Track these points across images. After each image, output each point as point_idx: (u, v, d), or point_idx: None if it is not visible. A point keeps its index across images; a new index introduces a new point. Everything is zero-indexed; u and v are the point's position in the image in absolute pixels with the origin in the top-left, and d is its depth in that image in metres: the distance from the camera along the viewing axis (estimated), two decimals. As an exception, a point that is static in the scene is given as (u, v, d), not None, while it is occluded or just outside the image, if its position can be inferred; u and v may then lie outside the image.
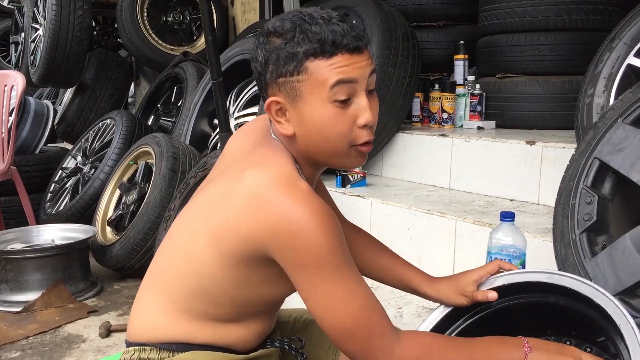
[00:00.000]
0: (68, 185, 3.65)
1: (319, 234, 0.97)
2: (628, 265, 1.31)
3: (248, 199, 1.01)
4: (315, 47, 1.00)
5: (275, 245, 1.00)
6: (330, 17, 1.02)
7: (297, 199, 0.99)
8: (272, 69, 1.03)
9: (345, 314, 1.00)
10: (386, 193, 2.75)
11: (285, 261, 1.02)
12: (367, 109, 1.04)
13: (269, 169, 1.05)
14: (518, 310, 1.20)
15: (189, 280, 1.12)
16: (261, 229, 1.00)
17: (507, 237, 1.41)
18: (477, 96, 3.20)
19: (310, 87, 1.01)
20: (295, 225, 0.97)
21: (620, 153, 1.43)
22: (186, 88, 3.93)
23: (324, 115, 1.03)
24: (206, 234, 1.08)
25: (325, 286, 1.00)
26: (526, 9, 3.05)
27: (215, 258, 1.07)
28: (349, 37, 1.01)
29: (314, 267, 0.99)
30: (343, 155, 1.08)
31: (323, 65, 1.00)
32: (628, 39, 2.10)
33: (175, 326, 1.14)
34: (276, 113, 1.06)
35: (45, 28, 4.16)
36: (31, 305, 2.61)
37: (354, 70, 1.02)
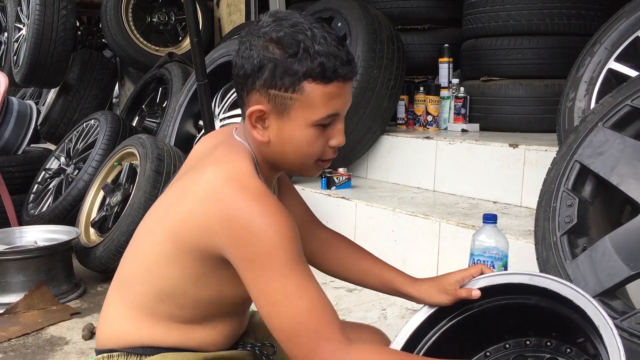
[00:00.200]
0: (51, 187, 3.62)
1: (269, 227, 0.98)
2: (608, 267, 1.33)
3: (203, 195, 1.03)
4: (316, 71, 1.01)
5: (226, 241, 1.01)
6: (331, 40, 1.03)
7: (250, 195, 1.00)
8: (266, 78, 1.02)
9: (291, 313, 0.98)
10: (371, 195, 2.76)
11: (235, 256, 1.01)
12: (342, 133, 1.09)
13: (226, 166, 1.06)
14: (500, 312, 1.21)
15: (150, 283, 1.12)
16: (214, 224, 1.01)
17: (490, 239, 1.42)
18: (462, 99, 3.23)
19: (300, 108, 1.03)
20: (245, 219, 0.98)
21: (600, 156, 1.46)
22: (171, 89, 3.91)
23: (304, 136, 1.05)
24: (163, 234, 1.09)
25: (272, 282, 0.98)
26: (510, 13, 3.08)
27: (172, 258, 1.08)
28: (347, 67, 1.04)
29: (262, 262, 0.98)
30: (306, 168, 1.12)
31: (319, 91, 1.02)
32: (609, 44, 2.13)
33: (141, 330, 1.14)
34: (256, 119, 1.07)
35: (29, 28, 4.13)
36: (13, 307, 2.58)
37: (342, 104, 1.06)
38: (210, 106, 3.01)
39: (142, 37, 4.73)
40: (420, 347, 1.24)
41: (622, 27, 2.11)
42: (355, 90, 2.85)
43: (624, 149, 1.42)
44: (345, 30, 3.03)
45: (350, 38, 2.96)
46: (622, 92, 1.51)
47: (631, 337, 1.23)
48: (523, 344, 1.22)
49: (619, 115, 1.48)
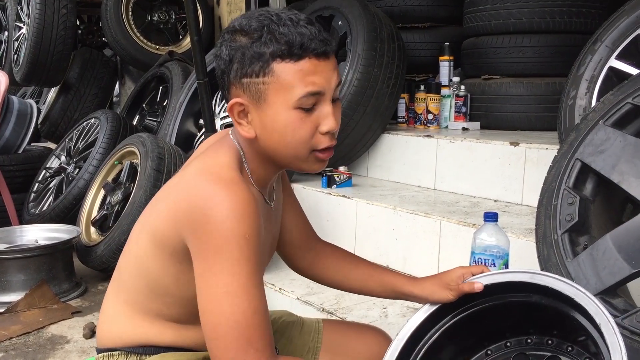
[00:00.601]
0: (52, 185, 3.63)
1: (229, 218, 0.95)
2: (609, 265, 1.33)
3: (180, 190, 1.02)
4: (282, 49, 0.98)
5: (189, 228, 0.99)
6: (298, 20, 1.01)
7: (217, 184, 0.98)
8: (237, 68, 1.01)
9: (228, 312, 0.94)
10: (372, 193, 2.76)
11: (192, 245, 0.99)
12: (331, 116, 1.03)
13: (205, 161, 1.06)
14: (501, 310, 1.21)
15: (139, 280, 1.12)
16: (181, 214, 1.00)
17: (491, 238, 1.42)
18: (462, 97, 3.23)
19: (275, 91, 1.00)
20: (207, 206, 0.96)
21: (601, 154, 1.45)
22: (172, 88, 3.91)
23: (287, 120, 1.01)
24: (148, 231, 1.09)
25: (220, 276, 0.95)
26: (510, 12, 3.08)
27: (154, 254, 1.08)
28: (316, 42, 0.99)
29: (215, 251, 0.95)
30: (302, 160, 1.06)
31: (290, 70, 0.99)
32: (610, 42, 2.13)
33: (138, 329, 1.14)
34: (238, 115, 1.05)
35: (29, 27, 4.12)
36: (14, 306, 2.59)
37: (321, 82, 1.01)
38: (211, 105, 3.01)
39: (143, 36, 4.73)
40: (420, 345, 1.24)
41: (623, 25, 2.11)
42: (356, 89, 2.85)
43: (625, 147, 1.42)
44: (345, 28, 3.02)
45: (350, 36, 2.96)
46: (623, 90, 1.51)
47: (632, 335, 1.23)
48: (524, 342, 1.22)
49: (620, 113, 1.48)
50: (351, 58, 2.89)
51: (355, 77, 2.85)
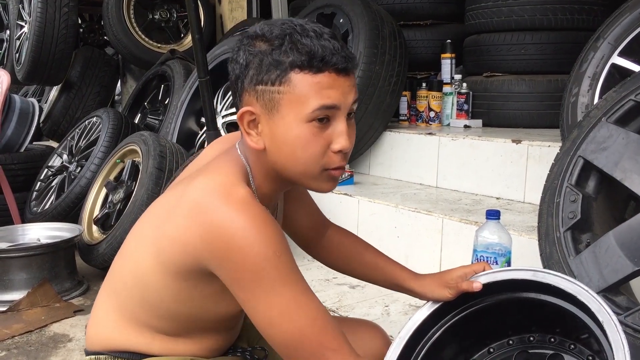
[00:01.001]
0: (54, 184, 3.63)
1: (255, 242, 0.92)
2: (611, 263, 1.33)
3: (188, 208, 0.98)
4: (302, 60, 0.94)
5: (211, 257, 0.96)
6: (322, 32, 0.97)
7: (231, 206, 0.94)
8: (253, 74, 0.97)
9: (292, 328, 0.94)
10: (373, 191, 2.76)
11: (223, 274, 0.97)
12: (345, 135, 0.99)
13: (213, 178, 1.01)
14: (503, 308, 1.21)
15: (133, 289, 1.10)
16: (197, 239, 0.96)
17: (493, 235, 1.42)
18: (464, 95, 3.22)
19: (290, 102, 0.96)
20: (228, 234, 0.93)
21: (604, 152, 1.45)
22: (173, 86, 3.91)
23: (299, 135, 0.97)
24: (150, 243, 1.06)
25: (267, 299, 0.94)
26: (512, 9, 3.07)
27: (155, 268, 1.05)
28: (338, 56, 0.96)
29: (251, 279, 0.93)
30: (312, 178, 1.02)
31: (308, 81, 0.95)
32: (612, 39, 2.12)
33: (126, 336, 1.13)
34: (248, 124, 1.01)
35: (31, 25, 4.12)
36: (16, 304, 2.59)
37: (338, 96, 0.97)
38: (212, 103, 3.01)
39: (144, 34, 4.72)
40: (423, 343, 1.24)
41: (626, 22, 2.10)
42: (358, 87, 2.83)
43: (627, 144, 1.42)
44: (347, 26, 3.02)
45: (352, 34, 2.95)
46: (626, 87, 1.50)
47: (635, 333, 1.23)
48: (526, 340, 1.22)
49: (623, 110, 1.47)
50: (353, 56, 2.88)
51: (357, 74, 2.85)
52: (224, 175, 1.01)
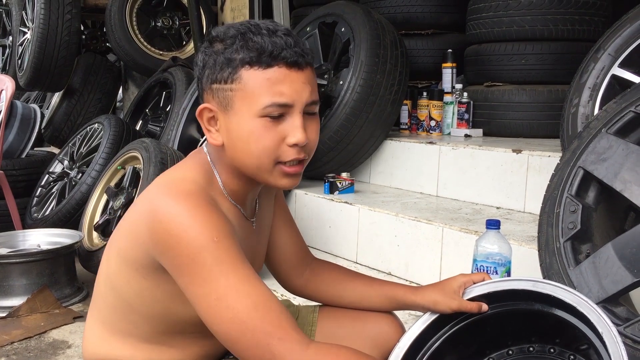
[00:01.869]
0: (55, 190, 3.63)
1: (190, 228, 0.93)
2: (611, 274, 1.33)
3: (140, 202, 1.02)
4: (252, 56, 0.96)
5: (154, 246, 0.97)
6: (275, 30, 0.99)
7: (173, 196, 0.96)
8: (208, 74, 1.01)
9: (231, 316, 0.91)
10: (374, 200, 2.76)
11: (165, 262, 0.98)
12: (300, 129, 0.99)
13: (167, 174, 1.05)
14: (503, 318, 1.21)
15: (106, 295, 1.11)
16: (144, 230, 0.98)
17: (493, 245, 1.42)
18: (465, 104, 3.23)
19: (242, 98, 0.98)
20: (166, 221, 0.94)
21: (604, 162, 1.45)
22: (175, 93, 3.92)
23: (251, 128, 0.98)
24: (114, 247, 1.08)
25: (205, 285, 0.93)
26: (513, 19, 3.08)
27: (119, 268, 1.06)
28: (289, 51, 0.97)
29: (188, 265, 0.94)
30: (266, 172, 1.02)
31: (258, 77, 0.97)
32: (613, 50, 2.13)
33: (109, 348, 1.13)
34: (208, 121, 1.04)
35: (34, 32, 4.14)
36: (16, 310, 2.59)
37: (290, 93, 0.97)
38: (214, 110, 3.02)
39: (146, 41, 4.74)
40: (422, 353, 1.24)
41: (626, 34, 2.11)
42: (359, 95, 2.85)
43: (627, 155, 1.42)
44: (349, 35, 3.03)
45: (353, 43, 2.97)
46: (626, 98, 1.51)
47: (635, 344, 1.23)
48: (526, 350, 1.22)
49: (623, 121, 1.48)
50: (354, 64, 2.89)
51: (358, 83, 2.86)
52: (177, 171, 1.05)
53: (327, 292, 1.33)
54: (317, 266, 1.36)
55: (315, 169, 3.04)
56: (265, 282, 0.99)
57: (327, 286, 1.33)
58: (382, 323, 1.32)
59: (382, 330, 1.31)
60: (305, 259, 1.36)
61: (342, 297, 1.32)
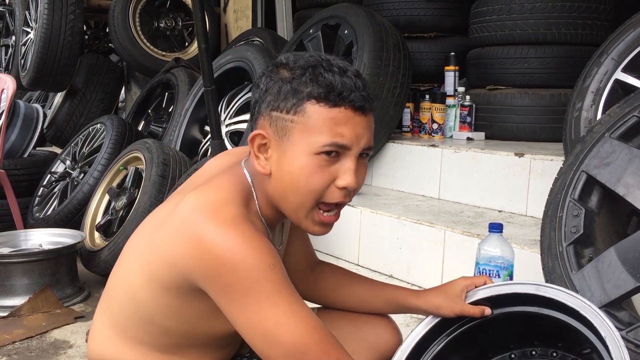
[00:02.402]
0: (57, 190, 3.63)
1: (247, 255, 0.91)
2: (614, 278, 1.33)
3: (178, 224, 0.98)
4: (320, 92, 0.95)
5: (200, 273, 0.95)
6: (346, 69, 0.98)
7: (220, 223, 0.94)
8: (270, 100, 0.98)
9: (291, 339, 0.92)
10: (376, 202, 2.76)
11: (212, 289, 0.96)
12: (351, 172, 0.98)
13: (207, 194, 1.00)
14: (506, 321, 1.21)
15: (125, 303, 1.10)
16: (186, 255, 0.95)
17: (496, 249, 1.42)
18: (467, 107, 3.23)
19: (301, 132, 0.96)
20: (218, 249, 0.92)
21: (607, 167, 1.46)
22: (177, 94, 3.93)
23: (305, 164, 0.97)
24: (141, 257, 1.05)
25: (261, 312, 0.92)
26: (516, 22, 3.08)
27: (145, 284, 1.04)
28: (357, 94, 0.96)
29: (244, 293, 0.92)
30: (305, 212, 1.01)
31: (322, 114, 0.95)
32: (616, 55, 2.13)
33: (118, 352, 1.12)
34: (258, 148, 1.01)
35: (37, 32, 4.15)
36: (18, 310, 2.59)
37: (350, 136, 0.96)
38: (217, 112, 3.02)
39: (149, 42, 4.75)
40: (425, 355, 1.24)
41: (630, 38, 2.11)
42: (361, 98, 2.85)
43: (630, 160, 1.42)
44: (351, 37, 3.03)
45: (356, 45, 2.97)
46: (629, 103, 1.51)
47: (637, 348, 1.23)
48: (529, 354, 1.22)
49: (626, 126, 1.48)
50: (357, 67, 2.89)
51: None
52: (220, 192, 1.00)
53: (331, 296, 1.35)
54: (321, 270, 1.37)
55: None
56: None
57: (332, 291, 1.34)
58: (378, 326, 1.33)
59: (379, 334, 1.32)
60: (311, 264, 1.37)
61: (345, 302, 1.33)
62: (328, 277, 1.35)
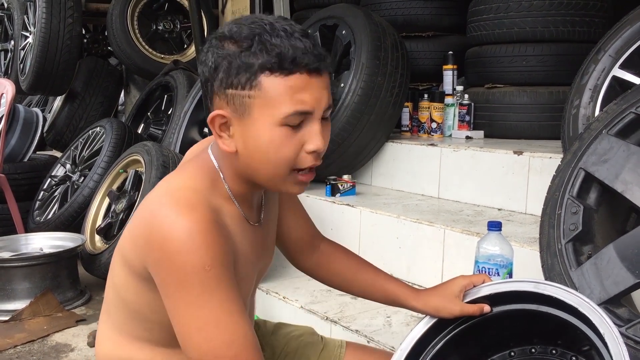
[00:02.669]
0: (57, 194, 3.64)
1: (185, 251, 0.90)
2: (613, 275, 1.33)
3: (141, 208, 0.98)
4: (272, 62, 0.92)
5: (149, 259, 0.95)
6: (293, 31, 0.94)
7: (175, 210, 0.92)
8: (222, 78, 0.95)
9: (207, 347, 0.91)
10: (375, 202, 2.76)
11: (155, 277, 0.95)
12: (319, 135, 0.97)
13: (171, 180, 1.01)
14: (505, 319, 1.21)
15: (120, 307, 1.10)
16: (142, 237, 0.96)
17: (495, 247, 1.42)
18: (466, 106, 3.23)
19: (261, 106, 0.94)
20: (163, 236, 0.91)
21: (605, 164, 1.46)
22: (176, 96, 3.93)
23: (271, 137, 0.95)
24: (120, 256, 1.06)
25: (187, 312, 0.91)
26: (514, 21, 3.08)
27: (127, 281, 1.04)
28: (310, 56, 0.93)
29: (176, 288, 0.91)
30: (281, 179, 1.00)
31: (279, 85, 0.92)
32: (613, 51, 2.14)
33: (126, 353, 1.12)
34: (220, 127, 0.99)
35: (35, 36, 4.15)
36: (19, 314, 2.59)
37: (311, 101, 0.94)
38: (215, 113, 3.02)
39: (148, 45, 4.75)
40: (424, 355, 1.24)
41: (627, 35, 2.11)
42: (360, 98, 2.86)
43: (628, 157, 1.42)
44: (349, 37, 3.04)
45: (354, 45, 2.97)
46: (627, 99, 1.51)
47: (637, 345, 1.23)
48: (528, 351, 1.22)
49: (624, 122, 1.48)
50: (355, 67, 2.90)
51: (359, 85, 2.86)
52: (181, 177, 1.01)
53: (334, 280, 1.35)
54: (327, 250, 1.36)
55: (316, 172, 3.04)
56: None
57: (336, 276, 1.34)
58: None
59: None
60: (313, 242, 1.35)
61: (348, 288, 1.35)
62: (334, 259, 1.35)
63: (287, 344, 1.37)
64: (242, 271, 1.04)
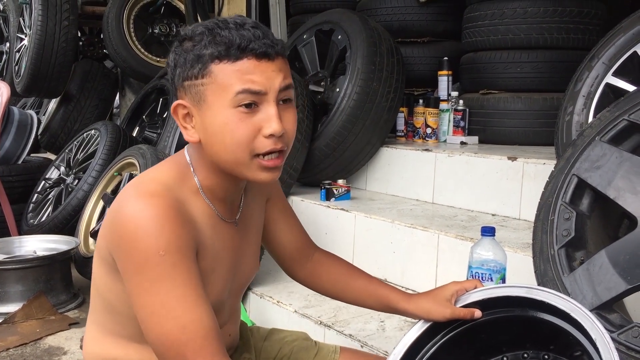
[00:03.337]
0: (51, 196, 3.63)
1: (142, 236, 0.93)
2: (605, 280, 1.34)
3: (112, 204, 1.03)
4: (220, 50, 0.97)
5: (112, 245, 0.99)
6: (243, 23, 1.00)
7: (136, 198, 0.97)
8: (180, 72, 1.02)
9: (159, 331, 0.94)
10: (370, 207, 2.77)
11: (118, 263, 0.99)
12: (275, 118, 0.99)
13: (142, 176, 1.05)
14: (498, 324, 1.22)
15: (96, 300, 1.13)
16: (107, 230, 1.01)
17: (488, 252, 1.43)
18: (461, 112, 3.25)
19: (213, 92, 0.98)
20: (124, 222, 0.95)
21: (597, 170, 1.46)
22: (171, 100, 3.93)
23: (225, 120, 0.98)
24: (97, 246, 1.09)
25: (143, 296, 0.95)
26: (509, 27, 3.10)
27: (100, 272, 1.08)
28: (258, 42, 0.97)
29: (134, 272, 0.95)
30: (244, 166, 1.01)
31: (228, 70, 0.97)
32: (607, 59, 2.15)
33: (104, 349, 1.13)
34: (183, 118, 1.04)
35: (31, 38, 4.15)
36: (12, 316, 2.58)
37: (261, 80, 0.98)
38: (211, 117, 3.02)
39: (144, 48, 4.75)
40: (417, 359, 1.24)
41: (620, 42, 2.13)
42: (355, 103, 2.87)
43: (621, 163, 1.43)
44: (345, 43, 3.05)
45: (350, 50, 2.98)
46: (620, 106, 1.52)
47: (628, 350, 1.23)
48: (521, 356, 1.23)
49: (617, 129, 1.49)
50: (350, 72, 2.91)
51: (355, 90, 2.87)
52: (151, 172, 1.06)
53: (328, 288, 1.37)
54: (321, 259, 1.38)
55: (311, 176, 3.05)
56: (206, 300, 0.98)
57: (330, 285, 1.36)
58: None
59: None
60: (306, 251, 1.37)
61: (341, 296, 1.36)
62: (327, 268, 1.36)
63: (280, 350, 1.37)
64: (211, 266, 1.05)
